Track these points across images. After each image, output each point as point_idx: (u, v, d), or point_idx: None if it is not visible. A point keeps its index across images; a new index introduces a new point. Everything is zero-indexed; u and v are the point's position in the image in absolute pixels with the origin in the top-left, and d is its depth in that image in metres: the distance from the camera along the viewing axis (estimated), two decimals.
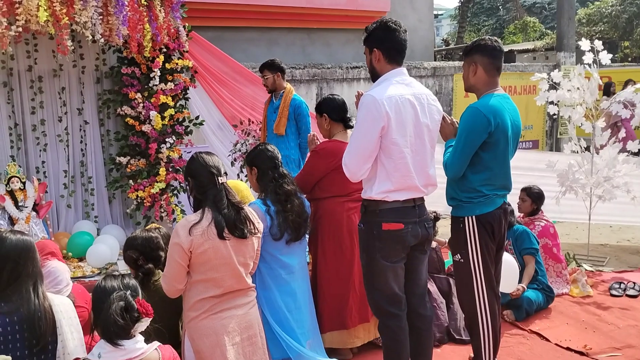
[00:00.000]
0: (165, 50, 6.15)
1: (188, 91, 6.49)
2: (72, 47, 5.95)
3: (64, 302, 2.73)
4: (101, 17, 5.35)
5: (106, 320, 2.29)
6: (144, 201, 6.16)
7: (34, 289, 2.65)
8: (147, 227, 3.59)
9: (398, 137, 2.90)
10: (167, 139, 6.22)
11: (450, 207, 3.44)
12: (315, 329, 3.68)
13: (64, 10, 5.03)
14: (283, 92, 5.68)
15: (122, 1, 5.34)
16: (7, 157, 5.94)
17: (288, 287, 3.51)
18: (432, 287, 4.34)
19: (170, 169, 6.28)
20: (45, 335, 2.58)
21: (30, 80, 6.07)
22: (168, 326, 3.11)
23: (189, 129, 6.48)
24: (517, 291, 4.65)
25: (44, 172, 6.20)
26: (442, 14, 40.74)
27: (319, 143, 3.94)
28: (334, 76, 8.42)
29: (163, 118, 6.15)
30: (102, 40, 5.43)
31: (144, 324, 2.37)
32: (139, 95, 6.11)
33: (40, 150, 6.18)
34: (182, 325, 3.20)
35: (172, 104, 6.22)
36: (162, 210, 6.18)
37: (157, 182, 6.19)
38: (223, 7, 8.11)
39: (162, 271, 3.03)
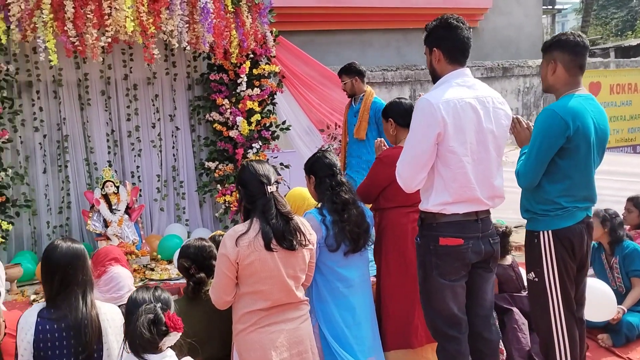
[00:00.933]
0: (252, 56, 6.19)
1: (275, 96, 6.50)
2: (165, 55, 6.19)
3: (111, 311, 2.75)
4: (187, 25, 5.47)
5: (133, 332, 2.26)
6: (231, 205, 6.23)
7: (83, 297, 2.68)
8: (211, 235, 3.58)
9: (456, 144, 2.64)
10: (253, 144, 6.27)
11: (525, 220, 3.12)
12: (377, 347, 3.47)
13: (151, 20, 5.19)
14: (363, 95, 5.52)
15: (207, 9, 5.43)
16: (104, 162, 6.25)
17: (346, 301, 3.34)
18: (513, 307, 4.00)
19: None
20: (90, 343, 2.61)
21: (126, 89, 6.35)
22: (220, 337, 3.05)
23: (275, 134, 6.49)
24: (617, 314, 4.18)
25: (139, 177, 6.46)
26: (566, 9, 38.47)
27: (385, 149, 3.75)
28: (428, 77, 8.09)
29: (250, 123, 6.20)
30: (188, 47, 5.55)
31: (173, 338, 2.31)
32: (226, 101, 6.21)
33: (135, 156, 6.45)
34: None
35: (258, 109, 6.26)
36: None
37: None
38: (315, 10, 8.08)
39: None
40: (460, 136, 2.64)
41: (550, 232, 2.93)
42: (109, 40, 5.08)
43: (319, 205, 3.36)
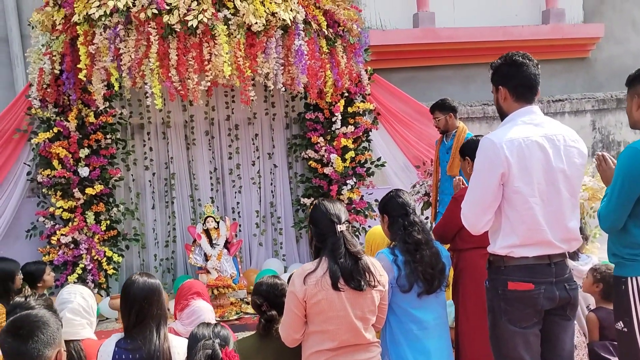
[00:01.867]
0: (347, 94, 6.30)
1: (370, 133, 6.55)
2: (265, 96, 6.46)
3: (182, 344, 2.86)
4: (282, 67, 5.68)
5: None
6: None
7: (157, 330, 2.82)
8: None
9: (521, 184, 2.52)
10: (348, 181, 6.33)
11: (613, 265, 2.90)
12: None
13: (247, 64, 5.44)
14: (455, 131, 5.42)
15: (301, 51, 5.61)
16: (207, 198, 6.58)
17: (420, 345, 3.24)
18: (614, 358, 3.67)
19: (351, 211, 6.35)
20: None
21: (228, 129, 6.69)
22: None
23: (370, 171, 6.52)
24: None
25: (239, 212, 6.73)
26: None
27: (462, 187, 3.64)
28: None
29: (344, 160, 6.28)
30: (284, 89, 5.76)
31: None
32: (321, 139, 6.34)
33: (235, 192, 6.73)
34: None
35: (353, 146, 6.33)
36: None
37: None
38: (417, 47, 8.06)
39: None
40: (526, 176, 2.52)
41: (638, 278, 2.70)
42: (209, 84, 5.39)
43: (392, 245, 3.33)
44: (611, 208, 2.71)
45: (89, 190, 5.79)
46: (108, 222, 5.95)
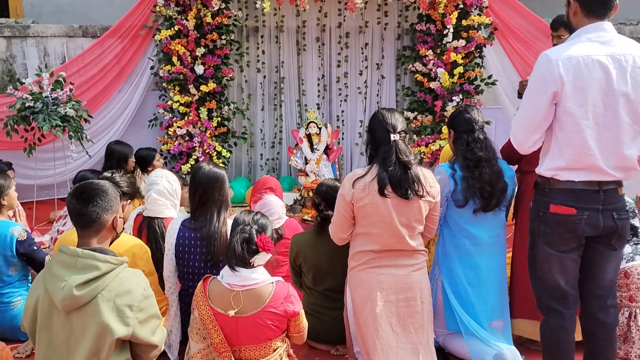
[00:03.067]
0: (462, 6, 6.04)
1: (484, 49, 6.28)
2: (378, 4, 6.37)
3: None
4: None
5: (230, 247, 2.59)
6: (424, 157, 6.30)
7: (217, 214, 3.11)
8: None
9: (574, 105, 2.37)
10: (454, 97, 6.19)
11: None
12: (504, 311, 3.34)
13: None
14: None
15: None
16: (314, 104, 6.77)
17: (471, 260, 3.26)
18: None
19: None
20: (217, 254, 3.04)
21: (339, 36, 6.73)
22: (342, 270, 3.23)
23: (479, 89, 6.30)
24: None
25: (342, 121, 6.87)
26: None
27: None
28: None
29: (452, 75, 6.12)
30: None
31: (263, 257, 2.59)
32: (430, 52, 6.19)
33: (341, 101, 6.85)
34: None
35: (462, 62, 6.13)
36: None
37: (439, 139, 6.25)
38: None
39: None
40: (580, 97, 2.37)
41: None
42: None
43: (453, 159, 3.32)
44: None
45: (203, 87, 6.19)
46: (219, 119, 6.36)
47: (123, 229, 2.68)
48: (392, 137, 2.91)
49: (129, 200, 3.35)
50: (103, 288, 2.20)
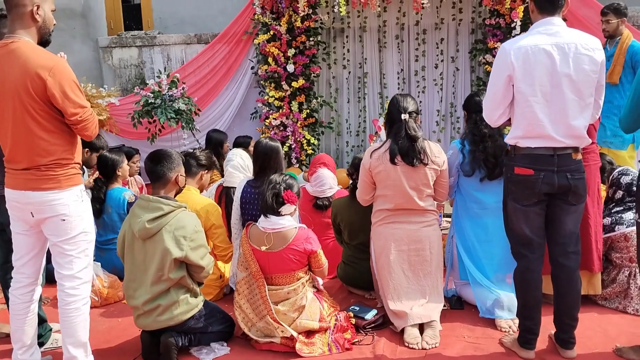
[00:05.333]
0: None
1: None
2: (452, 2, 6.91)
3: None
4: None
5: (263, 199, 3.43)
6: None
7: None
8: None
9: (523, 85, 2.91)
10: None
11: None
12: (509, 266, 3.84)
13: None
14: (619, 38, 5.33)
15: None
16: None
17: (480, 220, 3.83)
18: None
19: None
20: None
21: (416, 33, 7.35)
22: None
23: None
24: None
25: (421, 110, 7.43)
26: None
27: None
28: None
29: None
30: None
31: (288, 208, 3.39)
32: (499, 44, 6.63)
33: (419, 92, 7.47)
34: None
35: None
36: None
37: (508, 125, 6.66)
38: None
39: None
40: (528, 79, 2.90)
41: None
42: None
43: (464, 135, 3.91)
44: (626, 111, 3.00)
45: (294, 84, 7.11)
46: (308, 110, 7.24)
47: (185, 184, 3.58)
48: (403, 116, 3.60)
49: (207, 170, 4.28)
50: (166, 223, 3.13)
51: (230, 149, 6.19)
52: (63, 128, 2.72)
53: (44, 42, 2.78)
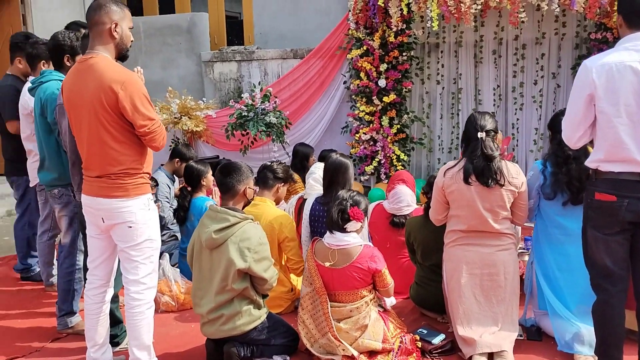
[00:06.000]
0: None
1: None
2: (555, 16, 6.59)
3: None
4: None
5: (329, 215, 3.40)
6: None
7: None
8: None
9: (606, 105, 2.68)
10: None
11: None
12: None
13: None
14: None
15: None
16: None
17: (561, 248, 3.57)
18: None
19: None
20: None
21: (515, 48, 7.07)
22: None
23: None
24: None
25: (517, 128, 7.17)
26: None
27: None
28: None
29: None
30: (558, 8, 5.87)
31: (354, 225, 3.34)
32: None
33: (516, 109, 7.16)
34: None
35: None
36: None
37: None
38: None
39: None
40: (612, 98, 2.67)
41: None
42: (479, 7, 5.94)
43: (546, 156, 3.69)
44: None
45: (385, 99, 7.06)
46: (399, 126, 7.16)
47: (253, 196, 3.63)
48: (479, 135, 3.46)
49: (283, 184, 4.33)
50: (232, 234, 3.19)
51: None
52: (133, 139, 2.86)
53: (122, 57, 2.95)
